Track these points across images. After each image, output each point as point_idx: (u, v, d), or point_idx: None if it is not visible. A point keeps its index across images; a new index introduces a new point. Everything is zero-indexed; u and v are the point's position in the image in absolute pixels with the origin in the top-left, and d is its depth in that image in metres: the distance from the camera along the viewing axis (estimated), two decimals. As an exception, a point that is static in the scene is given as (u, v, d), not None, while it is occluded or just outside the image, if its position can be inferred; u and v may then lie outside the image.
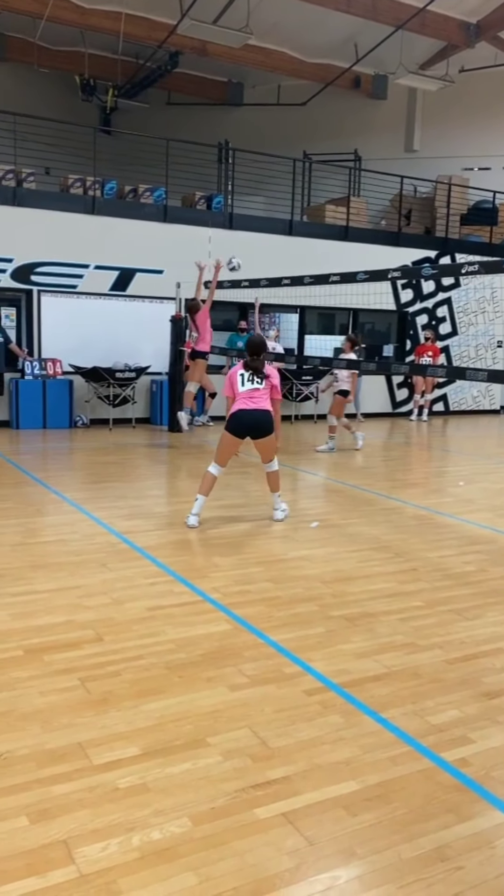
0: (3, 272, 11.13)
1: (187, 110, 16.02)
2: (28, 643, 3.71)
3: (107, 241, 11.68)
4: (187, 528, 5.97)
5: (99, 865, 2.21)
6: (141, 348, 11.98)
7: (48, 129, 11.49)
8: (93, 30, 12.89)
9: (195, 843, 2.32)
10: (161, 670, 3.48)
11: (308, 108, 15.86)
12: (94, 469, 8.81)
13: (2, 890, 2.09)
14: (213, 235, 10.50)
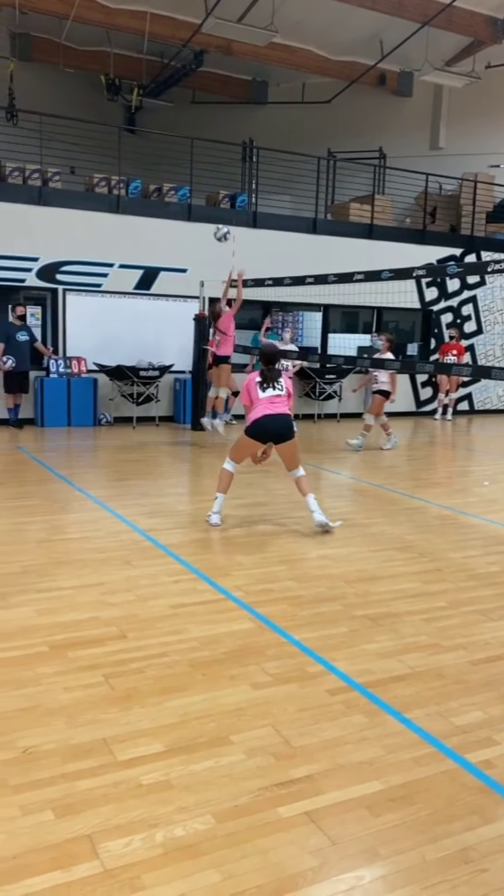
0: (29, 271, 11.23)
1: (212, 109, 16.04)
2: (53, 639, 3.75)
3: (131, 240, 11.73)
4: (210, 526, 5.98)
5: (123, 861, 2.22)
6: (164, 347, 12.02)
7: (73, 129, 11.56)
8: (118, 29, 12.95)
9: (218, 840, 2.33)
10: (184, 668, 3.49)
11: (333, 106, 15.80)
12: (117, 467, 8.86)
13: (28, 883, 2.11)
14: (236, 234, 10.47)
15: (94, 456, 9.72)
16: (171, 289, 12.08)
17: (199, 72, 14.24)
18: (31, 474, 8.03)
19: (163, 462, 9.37)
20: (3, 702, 3.11)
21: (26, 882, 2.12)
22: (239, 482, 7.21)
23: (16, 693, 3.19)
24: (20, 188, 11.21)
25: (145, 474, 8.38)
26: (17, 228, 11.00)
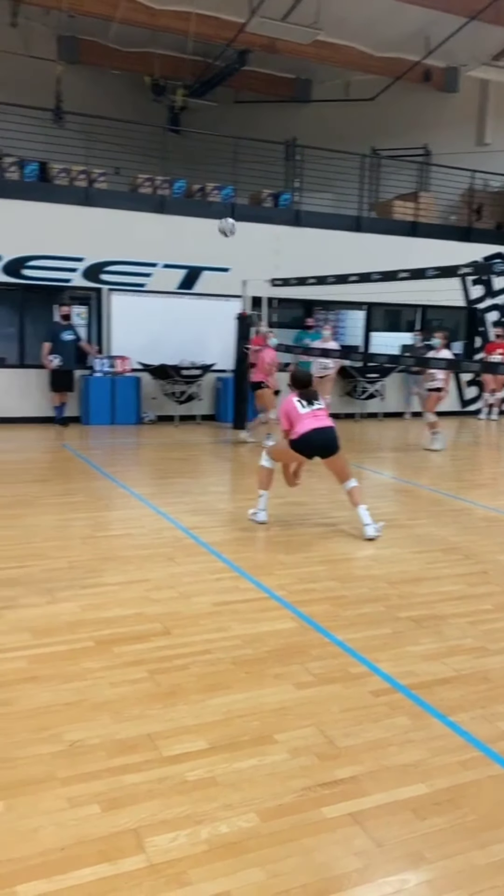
0: (75, 271, 11.38)
1: (255, 108, 16.03)
2: (98, 634, 3.80)
3: (175, 239, 11.80)
4: (256, 524, 5.99)
5: (168, 856, 2.24)
6: (207, 346, 12.07)
7: (118, 130, 11.67)
8: (163, 30, 13.02)
9: (263, 838, 2.33)
10: (227, 665, 3.51)
11: (377, 103, 15.66)
12: (160, 465, 8.93)
13: (76, 874, 2.15)
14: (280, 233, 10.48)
15: (138, 454, 9.81)
16: (214, 288, 12.12)
17: (243, 71, 14.23)
18: (76, 471, 8.14)
19: (204, 460, 9.42)
20: (51, 695, 3.16)
21: (75, 874, 2.15)
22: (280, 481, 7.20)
23: (63, 687, 3.24)
24: (66, 189, 11.36)
25: (187, 472, 8.44)
26: (64, 229, 11.15)
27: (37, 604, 4.20)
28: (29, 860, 2.21)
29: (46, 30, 13.72)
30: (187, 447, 10.02)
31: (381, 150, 14.63)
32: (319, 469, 8.23)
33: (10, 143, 11.32)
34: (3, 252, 10.88)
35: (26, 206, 10.91)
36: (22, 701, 3.11)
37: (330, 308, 13.74)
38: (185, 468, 8.64)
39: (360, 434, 11.67)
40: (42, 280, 11.26)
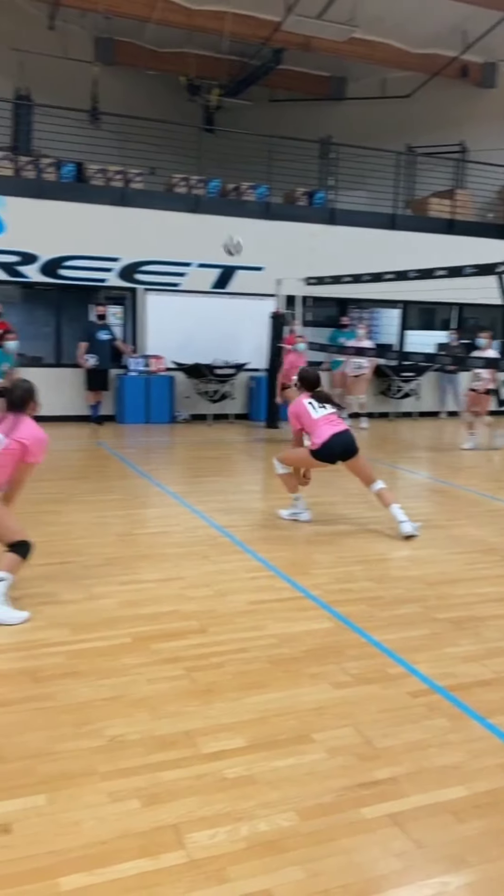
0: (110, 271, 11.48)
1: (290, 106, 16.01)
2: (136, 631, 3.83)
3: (209, 239, 11.82)
4: (295, 523, 6.00)
5: (208, 852, 2.25)
6: (240, 344, 12.09)
7: (154, 130, 11.74)
8: (199, 30, 13.07)
9: (302, 837, 2.33)
10: (264, 664, 3.51)
11: (413, 100, 15.54)
12: (194, 463, 8.97)
13: (118, 868, 2.17)
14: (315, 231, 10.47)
15: (172, 452, 9.87)
16: (248, 287, 12.13)
17: (278, 69, 14.23)
18: (112, 470, 8.21)
19: (238, 459, 9.44)
20: (91, 690, 3.20)
21: (116, 867, 2.17)
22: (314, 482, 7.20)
23: (102, 682, 3.27)
24: (102, 190, 11.46)
25: (221, 471, 8.46)
26: (100, 229, 11.26)
27: (75, 600, 4.25)
28: (71, 853, 2.24)
29: (83, 32, 13.87)
30: (221, 446, 10.05)
31: (417, 147, 14.52)
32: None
33: (48, 144, 11.46)
34: (40, 252, 11.01)
35: (63, 207, 11.03)
36: (62, 695, 3.15)
37: (364, 306, 13.68)
38: (218, 467, 8.67)
39: (394, 434, 11.59)
40: (78, 280, 11.38)
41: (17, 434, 4.06)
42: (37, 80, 12.98)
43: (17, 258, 10.90)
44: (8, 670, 3.38)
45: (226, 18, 12.48)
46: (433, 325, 14.42)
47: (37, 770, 2.64)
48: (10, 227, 10.77)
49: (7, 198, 10.74)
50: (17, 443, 4.05)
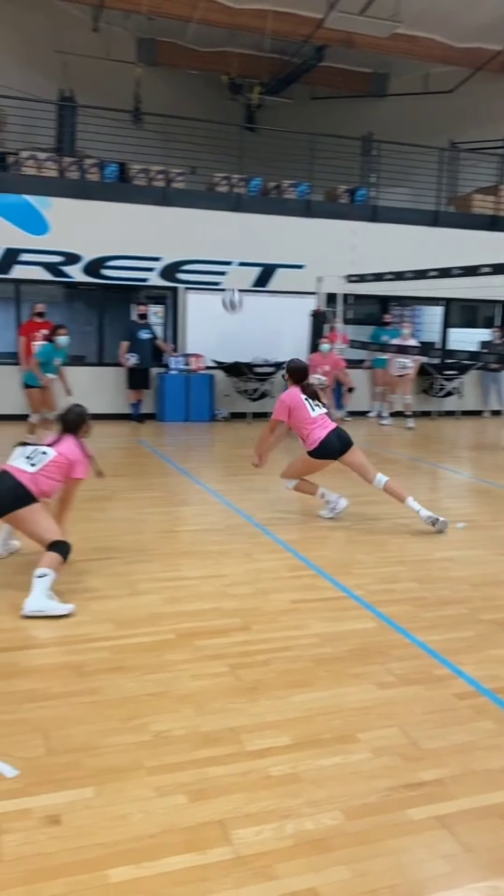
0: (152, 271, 11.56)
1: (331, 104, 15.94)
2: (180, 627, 3.85)
3: (250, 237, 11.85)
4: (329, 519, 5.98)
5: (254, 849, 2.26)
6: (280, 343, 12.07)
7: (195, 129, 11.79)
8: (240, 29, 13.07)
9: (348, 837, 2.33)
10: (307, 663, 3.51)
11: (456, 95, 15.35)
12: (234, 461, 8.99)
13: (166, 862, 2.19)
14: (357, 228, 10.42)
15: (212, 450, 9.91)
16: (288, 285, 12.11)
17: (319, 67, 14.18)
18: (153, 467, 8.28)
19: (277, 458, 9.38)
20: (136, 685, 3.23)
21: (164, 861, 2.19)
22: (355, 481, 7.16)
23: (147, 678, 3.30)
24: (145, 189, 11.55)
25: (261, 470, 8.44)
26: (142, 229, 11.34)
27: (119, 595, 4.30)
28: (119, 845, 2.26)
29: (126, 33, 13.98)
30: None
31: (461, 143, 14.33)
32: (395, 468, 8.16)
33: (91, 144, 11.58)
34: (83, 252, 11.14)
35: (106, 207, 11.14)
36: (108, 690, 3.19)
37: (406, 304, 13.56)
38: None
39: (437, 433, 11.47)
40: (120, 280, 11.48)
41: (61, 447, 4.44)
42: (80, 82, 13.14)
43: (61, 258, 11.04)
44: (54, 664, 3.43)
45: (268, 16, 12.47)
46: (476, 322, 14.22)
47: (84, 763, 2.67)
48: (55, 228, 10.92)
49: (52, 199, 10.88)
50: (63, 456, 4.40)
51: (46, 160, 11.12)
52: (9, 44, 13.51)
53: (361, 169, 13.55)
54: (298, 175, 12.39)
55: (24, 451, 4.47)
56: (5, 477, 4.27)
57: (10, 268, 10.86)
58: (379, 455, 9.33)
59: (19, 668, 3.37)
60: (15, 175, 11.04)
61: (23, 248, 10.86)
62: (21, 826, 2.33)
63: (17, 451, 4.49)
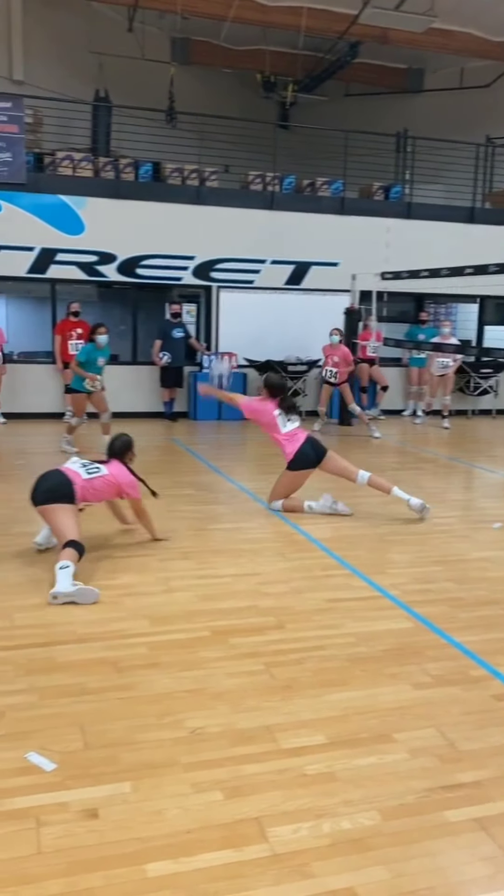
0: (186, 269, 11.60)
1: (366, 101, 15.85)
2: (214, 625, 3.86)
3: (284, 235, 11.83)
4: (363, 519, 5.95)
5: (291, 847, 2.26)
6: (313, 341, 12.02)
7: (229, 128, 11.80)
8: (274, 27, 13.05)
9: (385, 837, 2.31)
10: (342, 662, 3.49)
11: (492, 90, 15.15)
12: (266, 460, 8.95)
13: (203, 857, 2.20)
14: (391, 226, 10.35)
15: (244, 449, 9.91)
16: (322, 283, 12.07)
17: (354, 63, 14.09)
18: (185, 465, 8.31)
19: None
20: (171, 682, 3.25)
21: (202, 856, 2.20)
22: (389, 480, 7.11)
23: (182, 674, 3.32)
24: (179, 188, 11.59)
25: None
26: (176, 228, 11.38)
27: (154, 592, 4.32)
28: (156, 840, 2.28)
29: (160, 33, 14.05)
30: (294, 443, 10.01)
31: (497, 139, 14.13)
32: (431, 467, 8.10)
33: (126, 144, 11.66)
34: (118, 252, 11.22)
35: (140, 207, 11.20)
36: (144, 686, 3.21)
37: (440, 301, 13.43)
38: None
39: (472, 431, 11.34)
40: (154, 279, 11.54)
41: (111, 469, 4.98)
42: (115, 82, 13.23)
43: (96, 258, 11.13)
44: (91, 660, 3.46)
45: (302, 13, 12.43)
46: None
47: (121, 758, 2.70)
48: (90, 228, 11.01)
49: (87, 198, 10.98)
50: (113, 477, 4.92)
51: (82, 160, 11.23)
52: (45, 46, 13.67)
53: (396, 165, 13.44)
54: (333, 173, 12.34)
55: (81, 460, 5.03)
56: (58, 473, 4.78)
57: (46, 268, 10.97)
58: (414, 454, 9.27)
59: (56, 663, 3.41)
60: (51, 175, 11.16)
61: (59, 248, 10.97)
62: (59, 819, 2.36)
63: (74, 458, 5.10)
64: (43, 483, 4.74)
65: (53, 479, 4.72)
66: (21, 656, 3.45)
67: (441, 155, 12.55)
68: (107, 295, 12.48)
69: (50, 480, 4.73)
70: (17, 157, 10.64)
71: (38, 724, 2.89)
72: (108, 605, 4.09)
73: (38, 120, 12.11)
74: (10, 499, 6.66)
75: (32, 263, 10.89)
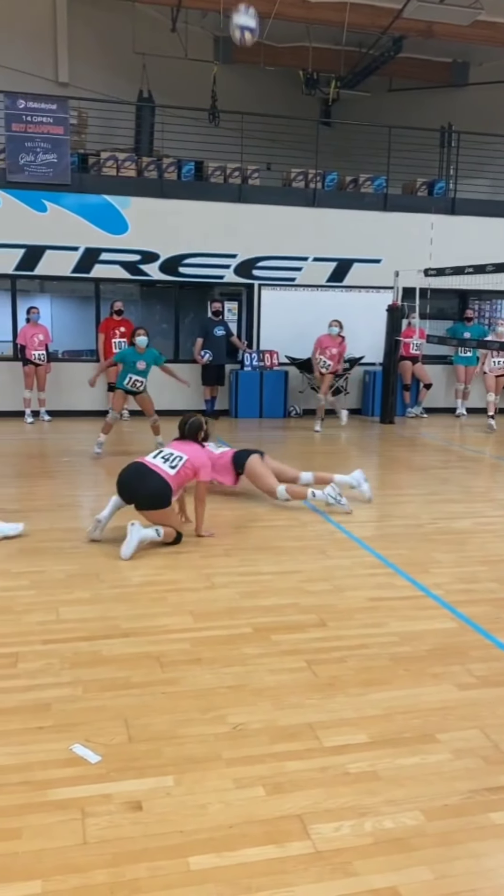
0: (228, 268, 11.63)
1: (409, 95, 15.67)
2: (256, 622, 3.87)
3: (326, 232, 11.78)
4: (396, 519, 5.90)
5: (333, 845, 2.26)
6: (355, 338, 11.95)
7: (271, 126, 11.79)
8: (318, 23, 12.99)
9: (429, 837, 2.30)
10: (385, 661, 3.47)
11: (539, 82, 14.89)
12: (307, 458, 8.95)
13: (245, 853, 2.21)
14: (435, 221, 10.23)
15: (285, 447, 9.89)
16: (364, 280, 12.00)
17: (397, 58, 13.95)
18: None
19: (352, 455, 9.36)
20: (214, 678, 3.27)
21: (244, 851, 2.21)
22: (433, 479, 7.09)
23: (224, 671, 3.33)
24: (221, 187, 11.63)
25: (335, 466, 8.39)
26: (218, 226, 11.42)
27: (196, 588, 4.35)
28: (199, 834, 2.30)
29: (203, 32, 14.09)
30: (333, 441, 10.00)
31: (544, 132, 13.84)
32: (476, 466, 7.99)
33: (169, 144, 11.73)
34: (160, 251, 11.30)
35: (183, 206, 11.27)
36: (187, 681, 3.24)
37: (484, 298, 13.23)
38: (332, 462, 8.61)
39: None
40: (196, 277, 11.60)
41: (188, 452, 5.23)
42: (158, 82, 13.32)
43: (139, 257, 11.23)
44: (135, 654, 3.50)
45: (345, 9, 12.35)
46: None
47: (164, 752, 2.72)
48: (133, 227, 11.11)
49: (131, 198, 11.08)
50: (190, 461, 5.17)
51: (125, 160, 11.33)
52: (90, 47, 13.81)
53: (440, 161, 13.27)
54: (375, 169, 12.25)
55: (162, 451, 5.28)
56: (154, 476, 5.03)
57: (90, 267, 11.11)
58: (459, 453, 9.16)
59: (101, 656, 3.46)
60: (95, 176, 11.30)
61: (103, 248, 11.10)
62: (104, 810, 2.40)
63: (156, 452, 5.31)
64: (141, 487, 5.02)
65: (153, 485, 5.00)
66: (67, 650, 3.51)
67: (486, 149, 12.36)
68: (149, 294, 12.58)
69: (149, 485, 5.01)
70: (62, 158, 10.80)
71: (84, 717, 2.94)
72: (152, 600, 4.14)
73: (82, 121, 12.27)
74: (54, 494, 6.78)
75: (77, 263, 11.04)
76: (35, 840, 2.25)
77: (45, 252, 10.94)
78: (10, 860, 2.17)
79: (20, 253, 10.90)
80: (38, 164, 10.74)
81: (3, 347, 11.77)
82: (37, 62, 13.27)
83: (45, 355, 10.70)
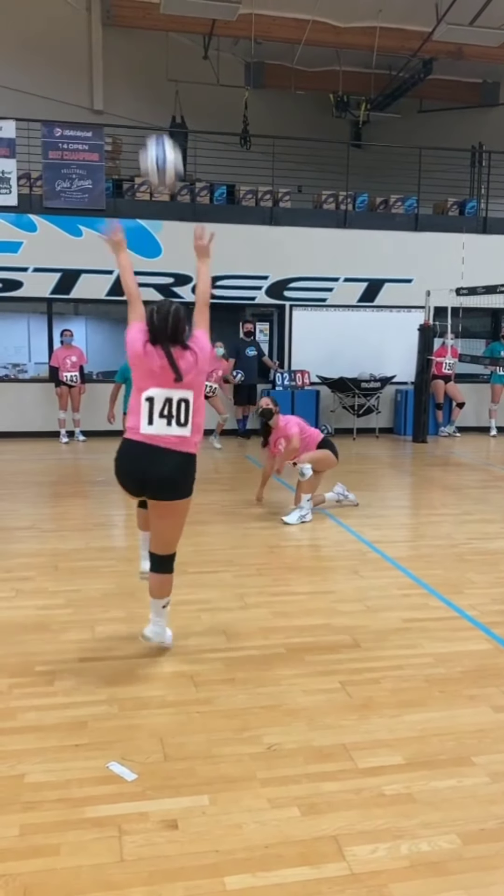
0: (259, 289, 11.74)
1: (439, 116, 15.74)
2: (290, 642, 3.88)
3: (357, 253, 11.84)
4: (430, 539, 5.86)
5: (369, 867, 2.25)
6: (387, 358, 11.97)
7: (302, 149, 11.93)
8: (348, 48, 13.16)
9: (466, 861, 2.28)
10: (420, 682, 3.46)
11: None
12: (339, 478, 8.91)
13: (280, 873, 2.21)
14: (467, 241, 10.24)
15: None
16: (395, 300, 12.01)
17: (427, 80, 14.05)
18: (257, 482, 8.34)
19: (384, 474, 9.34)
20: (248, 698, 3.28)
21: (279, 872, 2.22)
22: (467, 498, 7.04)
23: (259, 691, 3.35)
24: (252, 210, 11.77)
25: (367, 486, 8.38)
26: (250, 249, 11.54)
27: (230, 608, 4.38)
28: (234, 853, 2.31)
29: (234, 58, 14.34)
30: (366, 460, 9.97)
31: None
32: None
33: (201, 168, 11.92)
34: (192, 273, 11.40)
35: (215, 229, 11.30)
36: (221, 701, 3.25)
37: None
38: (364, 482, 8.59)
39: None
40: (228, 299, 11.71)
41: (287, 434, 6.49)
42: (190, 108, 13.56)
43: (172, 279, 11.39)
44: (170, 673, 3.53)
45: (375, 34, 12.49)
46: None
47: (199, 771, 2.74)
48: (166, 250, 11.29)
49: (163, 222, 11.26)
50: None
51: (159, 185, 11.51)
52: (124, 76, 14.12)
53: (471, 180, 13.28)
54: (406, 189, 12.30)
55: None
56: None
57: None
58: (493, 472, 9.08)
59: (137, 675, 3.50)
60: (129, 201, 11.51)
61: (137, 271, 11.13)
62: (140, 828, 2.42)
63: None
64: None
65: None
66: (103, 668, 3.55)
67: (518, 168, 12.35)
68: (182, 315, 12.69)
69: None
70: (97, 184, 11.04)
71: (119, 735, 2.97)
72: (186, 619, 4.17)
73: (117, 147, 12.52)
74: (88, 514, 6.87)
75: (111, 286, 11.22)
76: (73, 857, 2.28)
77: (80, 276, 11.16)
78: (49, 876, 2.20)
79: (56, 277, 11.13)
80: (73, 190, 10.98)
81: (39, 369, 11.98)
82: (73, 91, 13.60)
83: (77, 377, 10.87)
